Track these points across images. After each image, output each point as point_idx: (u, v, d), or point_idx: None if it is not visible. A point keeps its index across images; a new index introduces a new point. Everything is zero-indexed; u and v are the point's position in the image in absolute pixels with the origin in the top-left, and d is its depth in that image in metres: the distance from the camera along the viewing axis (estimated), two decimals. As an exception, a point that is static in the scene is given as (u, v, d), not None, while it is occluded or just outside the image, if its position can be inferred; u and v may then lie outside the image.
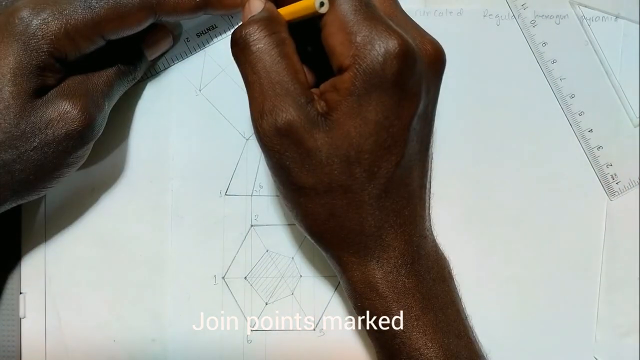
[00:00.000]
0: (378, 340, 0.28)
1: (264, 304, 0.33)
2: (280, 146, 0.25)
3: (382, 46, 0.24)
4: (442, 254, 0.29)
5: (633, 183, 0.33)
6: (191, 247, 0.33)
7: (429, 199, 0.29)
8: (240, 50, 0.26)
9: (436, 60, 0.26)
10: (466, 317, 0.29)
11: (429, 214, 0.29)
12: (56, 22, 0.27)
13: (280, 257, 0.33)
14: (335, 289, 0.33)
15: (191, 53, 0.33)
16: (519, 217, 0.33)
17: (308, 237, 0.28)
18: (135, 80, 0.32)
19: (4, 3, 0.28)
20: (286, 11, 0.27)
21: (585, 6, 0.33)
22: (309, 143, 0.25)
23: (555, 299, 0.33)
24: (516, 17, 0.33)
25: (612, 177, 0.33)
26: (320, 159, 0.25)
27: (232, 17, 0.33)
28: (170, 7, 0.29)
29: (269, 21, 0.26)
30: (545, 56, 0.33)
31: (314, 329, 0.33)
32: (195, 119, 0.34)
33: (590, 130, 0.33)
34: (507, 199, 0.33)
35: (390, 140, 0.25)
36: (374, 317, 0.27)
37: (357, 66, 0.24)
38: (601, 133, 0.33)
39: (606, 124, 0.33)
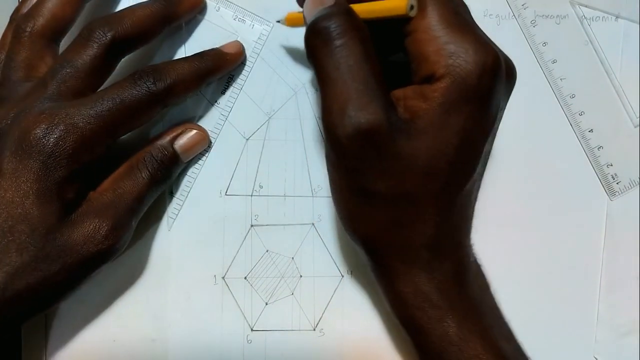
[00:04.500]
0: (431, 351, 0.27)
1: (264, 304, 0.33)
2: (359, 148, 0.24)
3: (480, 59, 0.23)
4: (479, 262, 0.29)
5: (633, 183, 0.33)
6: (191, 247, 0.33)
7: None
8: (322, 42, 0.24)
9: (511, 78, 0.26)
10: (508, 322, 0.29)
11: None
12: (71, 137, 0.26)
13: (280, 257, 0.33)
14: (335, 289, 0.33)
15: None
16: (519, 217, 0.33)
17: (357, 243, 0.28)
18: (165, 188, 0.32)
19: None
20: (363, 8, 0.25)
21: (586, 6, 0.33)
22: (389, 149, 0.24)
23: (555, 299, 0.33)
24: (516, 17, 0.33)
25: (612, 177, 0.33)
26: (397, 167, 0.24)
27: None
28: (179, 95, 0.29)
29: (350, 16, 0.24)
30: (546, 56, 0.33)
31: (314, 329, 0.33)
32: (195, 119, 0.33)
33: (591, 130, 0.33)
34: (507, 199, 0.33)
35: (470, 155, 0.25)
36: (427, 328, 0.26)
37: (451, 76, 0.23)
38: (601, 133, 0.33)
39: (606, 124, 0.33)
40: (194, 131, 0.31)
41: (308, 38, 0.25)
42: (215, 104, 0.34)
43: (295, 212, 0.33)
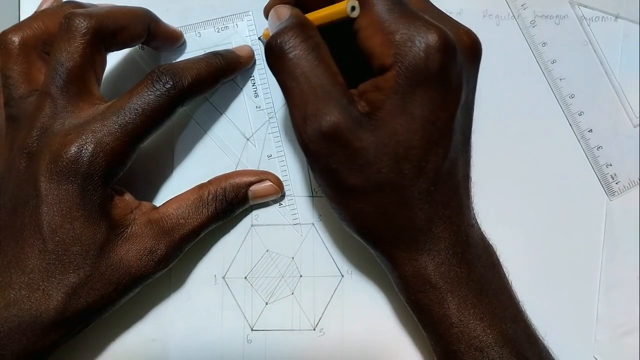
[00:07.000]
0: (434, 332, 0.28)
1: (264, 304, 0.33)
2: (327, 149, 0.25)
3: (422, 41, 0.24)
4: (488, 241, 0.29)
5: (633, 183, 0.33)
6: (191, 247, 0.33)
7: (471, 188, 0.29)
8: (276, 58, 0.26)
9: (473, 50, 0.26)
10: (519, 302, 0.29)
11: (472, 202, 0.29)
12: (102, 154, 0.27)
13: (280, 257, 0.33)
14: (335, 288, 0.33)
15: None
16: (519, 217, 0.33)
17: (356, 236, 0.28)
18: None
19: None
20: (315, 16, 0.27)
21: (585, 6, 0.33)
22: (355, 144, 0.25)
23: (555, 299, 0.33)
24: (516, 17, 0.33)
25: (612, 177, 0.33)
26: (368, 159, 0.25)
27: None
28: (197, 95, 0.29)
29: (301, 27, 0.26)
30: (545, 56, 0.33)
31: (314, 329, 0.33)
32: (196, 119, 0.34)
33: (590, 130, 0.33)
34: (507, 198, 0.33)
35: (437, 134, 0.25)
36: (429, 309, 0.27)
37: (399, 64, 0.24)
38: (601, 133, 0.33)
39: (606, 124, 0.33)
40: (269, 183, 0.32)
41: (265, 57, 0.27)
42: (216, 104, 0.34)
43: (296, 212, 0.34)
